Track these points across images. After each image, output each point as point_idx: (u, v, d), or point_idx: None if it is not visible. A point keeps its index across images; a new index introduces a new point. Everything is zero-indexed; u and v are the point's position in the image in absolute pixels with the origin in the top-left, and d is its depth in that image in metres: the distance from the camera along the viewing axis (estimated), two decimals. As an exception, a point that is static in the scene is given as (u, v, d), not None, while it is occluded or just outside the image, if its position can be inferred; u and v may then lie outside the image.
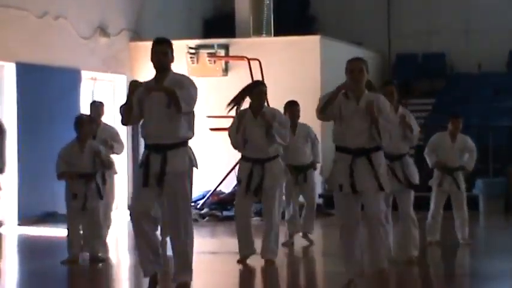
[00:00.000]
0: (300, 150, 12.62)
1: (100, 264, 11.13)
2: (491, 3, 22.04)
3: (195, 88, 8.81)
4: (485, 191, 17.84)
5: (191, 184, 8.95)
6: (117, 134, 12.86)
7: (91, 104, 13.26)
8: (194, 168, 8.97)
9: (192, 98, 8.71)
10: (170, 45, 8.86)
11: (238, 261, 11.03)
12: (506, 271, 10.88)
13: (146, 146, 8.87)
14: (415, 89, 21.43)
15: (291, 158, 12.69)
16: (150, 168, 8.74)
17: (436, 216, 12.66)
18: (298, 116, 12.63)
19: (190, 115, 8.89)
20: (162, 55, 8.78)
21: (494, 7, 21.97)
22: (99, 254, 11.25)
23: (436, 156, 12.65)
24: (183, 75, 8.96)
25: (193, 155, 9.05)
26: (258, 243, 11.13)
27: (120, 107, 9.15)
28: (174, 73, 8.87)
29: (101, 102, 12.98)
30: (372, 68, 22.48)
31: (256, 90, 11.00)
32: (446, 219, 12.75)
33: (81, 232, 11.38)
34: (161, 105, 8.69)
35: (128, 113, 8.86)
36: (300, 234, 13.01)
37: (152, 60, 8.80)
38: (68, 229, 11.30)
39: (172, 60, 8.88)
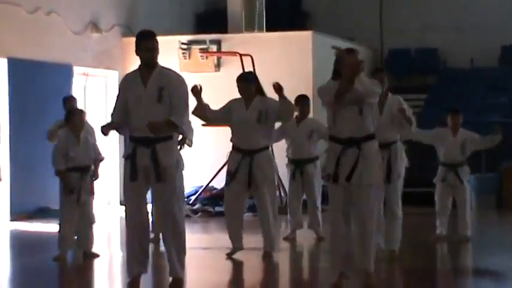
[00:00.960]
0: (299, 143, 12.63)
1: (93, 260, 11.15)
2: (487, 2, 22.08)
3: (185, 86, 8.85)
4: (478, 186, 17.87)
5: (182, 178, 8.96)
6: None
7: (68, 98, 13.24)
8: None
9: (185, 106, 8.76)
10: (156, 40, 8.80)
11: (228, 255, 11.09)
12: (499, 267, 10.91)
13: (132, 139, 8.83)
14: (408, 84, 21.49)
15: (291, 151, 12.75)
16: (137, 162, 8.75)
17: (441, 212, 12.69)
18: (307, 111, 12.68)
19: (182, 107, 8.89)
20: (153, 51, 8.74)
21: (486, 3, 22.02)
22: (92, 250, 11.28)
23: (439, 152, 12.72)
24: (170, 71, 8.90)
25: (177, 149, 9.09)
26: (252, 238, 11.18)
27: None
28: (161, 67, 8.82)
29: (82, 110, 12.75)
30: (364, 63, 22.38)
31: (238, 85, 11.04)
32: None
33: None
34: (151, 100, 8.69)
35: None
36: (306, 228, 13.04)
37: (140, 55, 8.74)
38: (60, 224, 11.28)
39: (157, 54, 8.80)
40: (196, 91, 10.37)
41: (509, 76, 21.41)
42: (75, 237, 11.30)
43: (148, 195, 8.89)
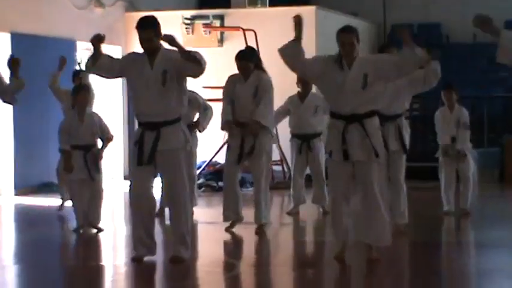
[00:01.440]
0: (304, 119, 12.65)
1: (98, 234, 11.22)
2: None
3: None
4: (480, 161, 17.90)
5: (190, 158, 9.03)
6: None
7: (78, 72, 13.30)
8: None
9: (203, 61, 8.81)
10: (155, 26, 8.84)
11: (227, 229, 11.15)
12: (503, 238, 10.99)
13: (140, 124, 8.94)
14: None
15: (296, 127, 12.77)
16: (144, 147, 8.82)
17: (449, 187, 12.74)
18: (310, 87, 12.68)
19: (182, 91, 8.94)
20: (149, 41, 8.83)
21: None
22: (99, 225, 11.33)
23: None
24: (174, 51, 8.90)
25: (187, 130, 9.14)
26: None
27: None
28: (165, 49, 8.89)
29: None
30: (367, 38, 22.64)
31: (237, 63, 11.04)
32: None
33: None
34: (156, 84, 8.76)
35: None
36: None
37: (140, 43, 8.87)
38: (71, 199, 11.38)
39: (159, 38, 8.84)
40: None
41: (512, 51, 21.39)
42: (84, 211, 11.36)
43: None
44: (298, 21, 9.10)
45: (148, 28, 8.84)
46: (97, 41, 9.01)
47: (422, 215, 12.58)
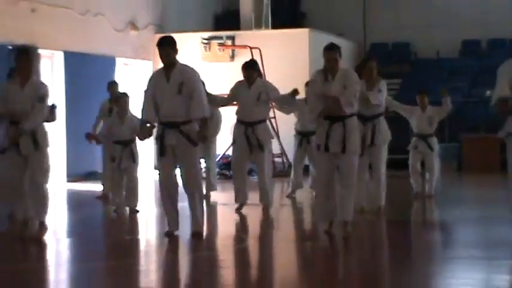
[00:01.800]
0: (306, 117, 12.57)
1: (135, 213, 11.21)
2: (447, 3, 22.02)
3: (199, 78, 8.87)
4: (442, 153, 17.86)
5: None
6: None
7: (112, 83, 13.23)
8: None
9: (203, 97, 8.77)
10: (172, 44, 8.77)
11: (237, 210, 11.12)
12: (461, 216, 10.99)
13: (161, 123, 8.87)
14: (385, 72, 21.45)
15: (300, 126, 12.73)
16: (165, 141, 8.77)
17: (414, 173, 12.73)
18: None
19: (202, 97, 8.85)
20: (166, 56, 8.75)
21: (450, 5, 21.95)
22: (135, 207, 11.30)
23: (412, 125, 12.77)
24: (188, 67, 8.88)
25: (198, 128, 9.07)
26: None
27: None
28: (180, 64, 8.83)
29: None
30: (350, 54, 22.52)
31: (243, 72, 10.99)
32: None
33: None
34: (172, 93, 8.71)
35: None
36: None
37: (160, 58, 8.81)
38: (103, 185, 11.37)
39: (176, 54, 8.79)
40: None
41: (468, 65, 21.43)
42: (123, 195, 11.33)
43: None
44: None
45: (166, 46, 8.79)
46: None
47: (396, 198, 12.57)
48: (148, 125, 8.93)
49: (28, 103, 9.08)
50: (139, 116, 9.21)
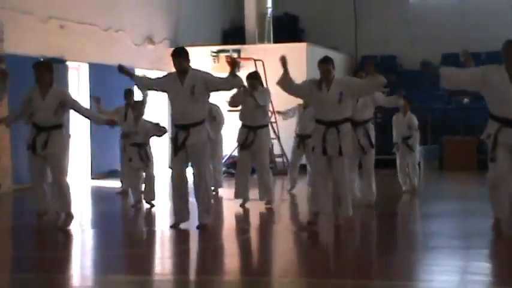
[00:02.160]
0: (305, 124, 12.44)
1: (152, 207, 11.20)
2: (430, 20, 22.01)
3: (210, 75, 9.00)
4: (425, 154, 17.88)
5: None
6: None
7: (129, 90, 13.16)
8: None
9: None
10: (183, 54, 8.81)
11: (241, 205, 11.11)
12: (442, 210, 10.96)
13: (175, 126, 8.91)
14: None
15: (299, 129, 12.71)
16: (178, 142, 8.78)
17: (402, 171, 12.71)
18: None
19: (206, 101, 8.87)
20: (178, 64, 8.80)
21: (432, 22, 21.95)
22: (152, 201, 11.28)
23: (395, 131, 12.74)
24: (199, 72, 8.95)
25: (209, 129, 9.06)
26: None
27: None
28: (192, 70, 8.86)
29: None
30: (343, 66, 22.49)
31: (248, 81, 10.98)
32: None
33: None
34: (186, 96, 8.72)
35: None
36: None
37: (174, 66, 8.85)
38: (126, 183, 11.37)
39: (188, 62, 8.82)
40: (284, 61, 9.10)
41: (448, 75, 21.37)
42: (139, 191, 11.32)
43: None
44: (283, 61, 8.94)
45: (178, 56, 8.83)
46: (121, 70, 9.22)
47: (385, 194, 12.57)
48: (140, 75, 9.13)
49: (50, 112, 9.09)
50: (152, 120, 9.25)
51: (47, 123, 9.09)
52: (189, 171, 9.01)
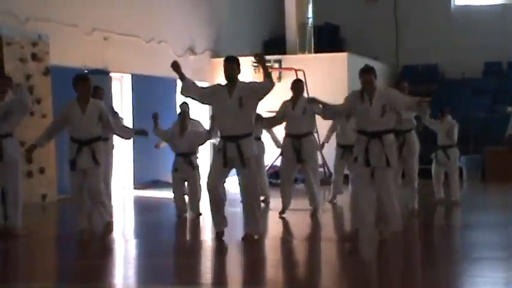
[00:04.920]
0: (348, 134, 12.23)
1: (197, 218, 11.18)
2: (472, 29, 21.82)
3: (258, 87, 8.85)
4: (467, 164, 17.73)
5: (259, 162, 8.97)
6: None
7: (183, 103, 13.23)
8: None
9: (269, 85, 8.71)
10: (237, 62, 8.72)
11: (280, 213, 11.07)
12: (485, 221, 10.84)
13: (222, 137, 8.81)
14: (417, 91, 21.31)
15: (341, 139, 12.64)
16: (227, 153, 8.67)
17: (437, 181, 12.57)
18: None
19: (253, 113, 8.81)
20: (231, 70, 8.69)
21: (473, 30, 21.76)
22: (198, 212, 11.24)
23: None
24: (248, 83, 8.93)
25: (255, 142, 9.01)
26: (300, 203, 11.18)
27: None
28: (240, 81, 8.76)
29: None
30: (384, 76, 22.41)
31: (295, 86, 11.00)
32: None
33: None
34: (234, 107, 8.62)
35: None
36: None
37: (224, 73, 8.72)
38: (173, 193, 11.37)
39: (239, 72, 8.73)
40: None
41: (490, 84, 21.21)
42: (184, 202, 11.36)
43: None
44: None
45: (232, 62, 8.73)
46: (175, 66, 8.83)
47: (426, 204, 12.46)
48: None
49: (90, 126, 9.13)
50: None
51: (89, 136, 9.11)
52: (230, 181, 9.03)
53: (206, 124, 17.94)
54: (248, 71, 18.26)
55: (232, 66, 8.69)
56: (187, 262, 8.00)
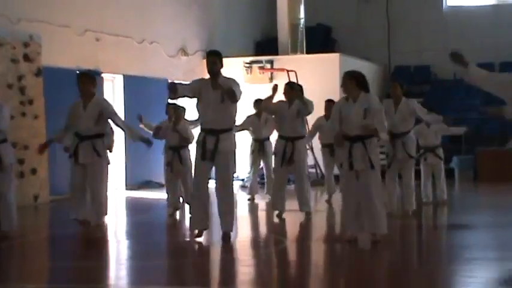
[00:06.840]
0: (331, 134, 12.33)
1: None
2: (464, 30, 21.89)
3: (239, 86, 8.75)
4: (459, 165, 17.77)
5: (235, 160, 8.96)
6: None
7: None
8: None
9: (240, 93, 8.62)
10: (219, 56, 8.74)
11: (277, 216, 11.07)
12: (477, 221, 10.86)
13: (203, 130, 8.79)
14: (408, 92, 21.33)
15: (324, 139, 12.66)
16: (206, 147, 8.69)
17: (426, 183, 12.58)
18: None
19: (235, 109, 8.79)
20: (212, 64, 8.69)
21: (465, 31, 21.81)
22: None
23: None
24: (230, 78, 8.79)
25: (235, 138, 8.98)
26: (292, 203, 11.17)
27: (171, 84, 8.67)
28: (223, 76, 8.75)
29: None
30: (376, 76, 22.43)
31: (286, 91, 10.96)
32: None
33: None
34: (216, 101, 8.61)
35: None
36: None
37: (207, 66, 8.74)
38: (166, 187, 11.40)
39: (221, 67, 8.72)
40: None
41: (481, 85, 21.22)
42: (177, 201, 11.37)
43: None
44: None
45: (214, 55, 8.77)
46: (173, 92, 8.58)
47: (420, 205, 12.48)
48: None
49: (90, 121, 9.30)
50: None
51: (88, 132, 9.26)
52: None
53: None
54: (240, 72, 18.27)
55: (213, 60, 8.71)
56: (179, 263, 7.99)
